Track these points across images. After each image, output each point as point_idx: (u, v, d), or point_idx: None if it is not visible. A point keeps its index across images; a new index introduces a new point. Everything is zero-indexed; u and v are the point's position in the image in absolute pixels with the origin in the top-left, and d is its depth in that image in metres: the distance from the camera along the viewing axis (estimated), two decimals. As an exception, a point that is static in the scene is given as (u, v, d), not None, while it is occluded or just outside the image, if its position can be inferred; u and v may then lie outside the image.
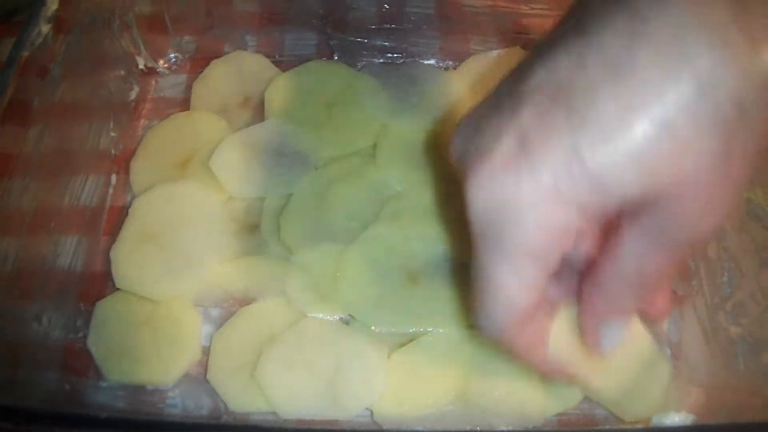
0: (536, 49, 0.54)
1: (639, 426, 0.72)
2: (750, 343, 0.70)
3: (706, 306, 0.78)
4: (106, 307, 0.81)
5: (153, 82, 1.00)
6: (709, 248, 0.78)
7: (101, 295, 0.82)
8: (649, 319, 0.70)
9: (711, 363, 0.75)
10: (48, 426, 0.61)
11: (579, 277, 0.62)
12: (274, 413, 0.74)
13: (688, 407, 0.70)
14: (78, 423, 0.60)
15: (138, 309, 0.80)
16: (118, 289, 0.81)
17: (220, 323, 0.80)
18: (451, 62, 1.01)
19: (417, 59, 1.01)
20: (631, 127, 0.46)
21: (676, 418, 0.69)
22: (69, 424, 0.60)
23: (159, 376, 0.77)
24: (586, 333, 0.62)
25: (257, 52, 1.01)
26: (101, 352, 0.78)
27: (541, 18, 1.00)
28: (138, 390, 0.77)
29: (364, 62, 1.01)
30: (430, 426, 0.73)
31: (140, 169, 0.90)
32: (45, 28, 0.77)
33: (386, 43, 1.00)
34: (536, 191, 0.50)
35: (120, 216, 0.87)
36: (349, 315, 0.80)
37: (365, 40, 1.00)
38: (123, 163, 0.91)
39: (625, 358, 0.69)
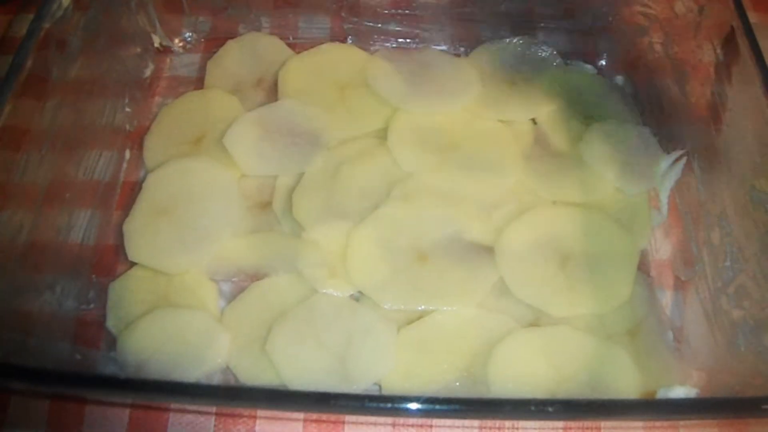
0: None
1: (645, 398, 0.74)
2: (751, 325, 0.71)
3: (708, 290, 0.79)
4: (120, 288, 0.82)
5: (168, 61, 1.02)
6: (712, 234, 0.80)
7: (113, 268, 0.84)
8: None
9: (713, 345, 0.76)
10: (65, 387, 0.63)
11: None
12: (284, 386, 0.75)
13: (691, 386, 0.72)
14: (96, 384, 0.61)
15: (153, 286, 0.82)
16: (130, 262, 0.83)
17: (232, 298, 0.82)
18: (462, 48, 1.03)
19: (429, 45, 1.03)
20: None
21: (680, 392, 0.70)
22: (87, 385, 0.61)
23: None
24: None
25: (271, 33, 1.02)
26: (122, 330, 0.79)
27: (551, 8, 1.01)
28: (150, 361, 0.77)
29: (377, 46, 1.02)
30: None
31: (154, 146, 0.92)
32: (65, 1, 0.77)
33: (399, 29, 1.02)
34: None
35: (133, 191, 0.88)
36: (360, 292, 0.81)
37: (379, 25, 1.02)
38: (137, 139, 0.93)
39: None
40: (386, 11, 1.01)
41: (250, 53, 1.00)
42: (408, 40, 1.03)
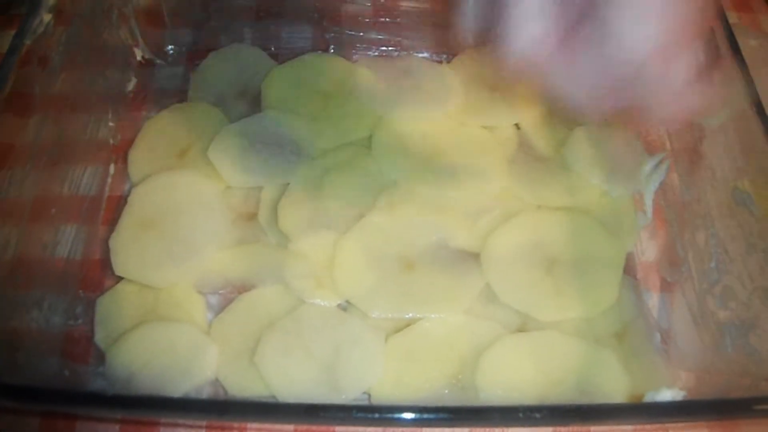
0: None
1: (631, 402, 0.74)
2: (738, 325, 0.72)
3: (694, 291, 0.79)
4: (107, 303, 0.81)
5: (151, 74, 1.01)
6: (698, 235, 0.80)
7: (100, 283, 0.84)
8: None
9: (700, 346, 0.76)
10: (53, 404, 0.63)
11: None
12: (274, 398, 0.75)
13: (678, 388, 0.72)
14: (85, 401, 0.61)
15: (140, 300, 0.82)
16: (117, 276, 0.82)
17: (219, 310, 0.82)
18: (444, 55, 1.02)
19: (411, 52, 1.03)
20: None
21: (668, 394, 0.70)
22: (75, 403, 0.61)
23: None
24: None
25: (254, 44, 1.02)
26: (111, 345, 0.79)
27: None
28: (139, 375, 0.77)
29: (359, 55, 1.02)
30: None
31: (138, 159, 0.91)
32: (46, 17, 0.77)
33: (381, 36, 1.02)
34: None
35: (118, 205, 0.88)
36: (347, 301, 0.81)
37: (360, 33, 1.02)
38: (121, 153, 0.92)
39: None
40: (368, 20, 1.01)
41: (232, 65, 1.00)
42: (390, 48, 1.03)
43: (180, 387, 0.75)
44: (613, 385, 0.76)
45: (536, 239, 0.84)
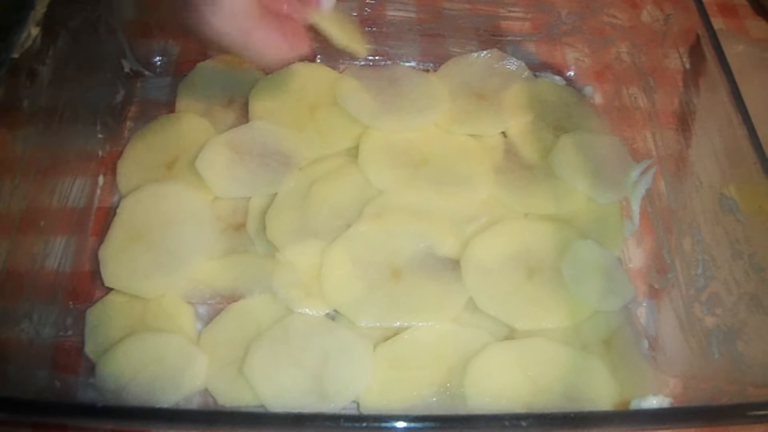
0: None
1: (618, 409, 0.74)
2: (725, 332, 0.72)
3: (681, 298, 0.80)
4: (97, 314, 0.81)
5: (139, 85, 1.01)
6: (684, 242, 0.80)
7: (90, 294, 0.84)
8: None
9: (688, 353, 0.77)
10: (43, 416, 0.63)
11: None
12: (263, 407, 0.75)
13: (665, 395, 0.72)
14: (75, 412, 0.61)
15: (130, 311, 0.82)
16: (106, 287, 0.82)
17: (208, 320, 0.82)
18: (431, 64, 1.03)
19: (398, 61, 1.03)
20: None
21: (654, 402, 0.70)
22: (66, 414, 0.61)
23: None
24: None
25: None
26: (101, 356, 0.79)
27: (518, 21, 1.02)
28: (128, 386, 0.77)
29: (346, 65, 1.02)
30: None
31: (127, 171, 0.91)
32: (34, 30, 0.77)
33: (367, 46, 1.01)
34: None
35: (107, 216, 0.88)
36: (335, 310, 0.81)
37: (347, 43, 1.02)
38: (110, 164, 0.92)
39: None
40: (354, 29, 1.01)
41: (220, 75, 1.00)
42: (377, 58, 1.03)
43: (170, 397, 0.75)
44: (601, 392, 0.76)
45: (518, 247, 0.85)
